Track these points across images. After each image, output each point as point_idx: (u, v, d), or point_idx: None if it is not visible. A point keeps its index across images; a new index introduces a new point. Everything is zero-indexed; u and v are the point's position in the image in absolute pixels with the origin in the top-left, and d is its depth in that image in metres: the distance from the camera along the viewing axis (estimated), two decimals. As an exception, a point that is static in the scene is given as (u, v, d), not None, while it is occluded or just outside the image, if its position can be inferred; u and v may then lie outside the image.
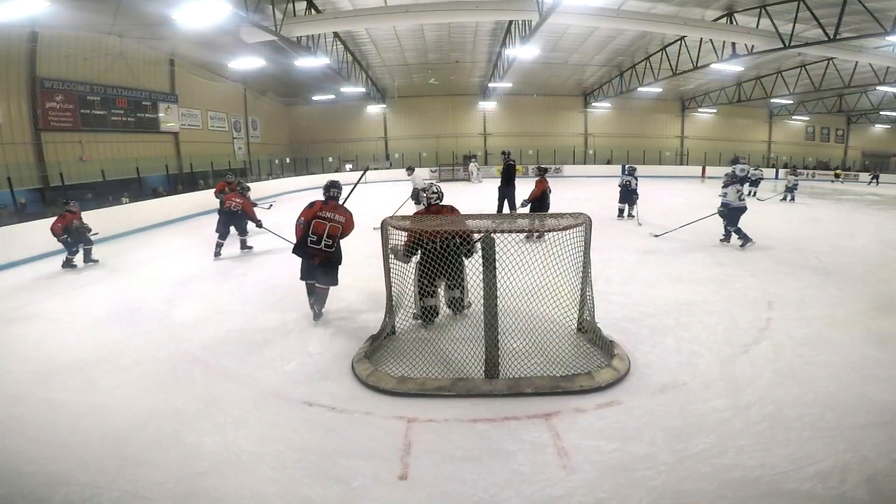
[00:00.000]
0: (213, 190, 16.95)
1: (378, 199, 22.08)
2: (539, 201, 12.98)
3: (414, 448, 4.45)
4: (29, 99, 19.74)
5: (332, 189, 7.59)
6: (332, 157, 41.29)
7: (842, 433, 4.51)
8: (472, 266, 6.03)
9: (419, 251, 6.76)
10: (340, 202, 7.68)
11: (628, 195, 16.96)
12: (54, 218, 11.67)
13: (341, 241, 7.59)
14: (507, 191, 15.00)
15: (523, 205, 13.22)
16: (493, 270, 5.35)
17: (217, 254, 12.33)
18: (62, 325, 8.00)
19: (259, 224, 12.61)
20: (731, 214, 12.36)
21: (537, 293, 6.17)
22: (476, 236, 6.15)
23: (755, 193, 23.57)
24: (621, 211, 17.22)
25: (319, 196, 7.69)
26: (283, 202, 23.66)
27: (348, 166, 40.36)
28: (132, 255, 13.17)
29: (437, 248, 6.55)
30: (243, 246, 12.95)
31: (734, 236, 12.49)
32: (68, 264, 11.76)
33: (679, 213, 17.47)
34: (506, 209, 14.96)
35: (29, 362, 6.51)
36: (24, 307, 9.04)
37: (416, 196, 17.64)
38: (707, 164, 40.14)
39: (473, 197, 24.64)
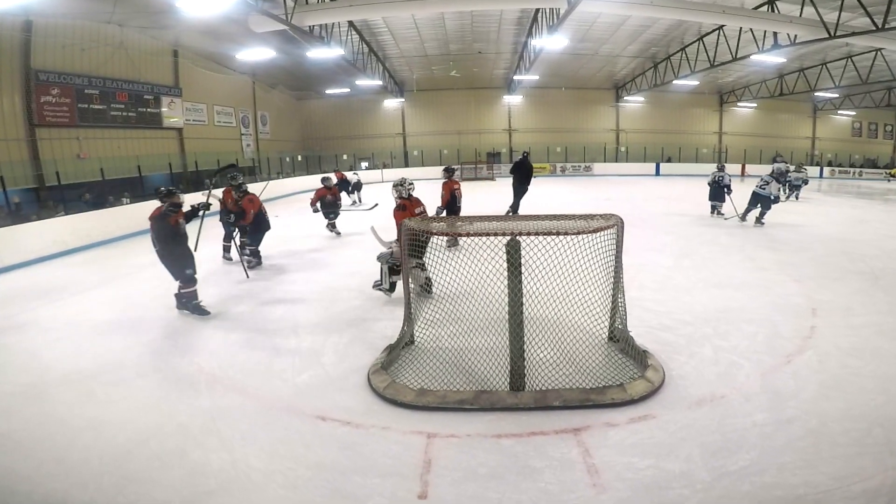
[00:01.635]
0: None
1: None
2: (450, 205, 12.53)
3: (434, 465, 4.43)
4: (23, 93, 19.64)
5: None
6: (347, 154, 41.40)
7: (891, 449, 4.44)
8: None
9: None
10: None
11: (720, 191, 17.53)
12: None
13: None
14: (518, 188, 16.44)
15: (438, 212, 12.46)
16: (519, 275, 5.34)
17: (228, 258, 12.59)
18: (59, 334, 7.97)
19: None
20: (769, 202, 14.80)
21: (565, 300, 6.11)
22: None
23: (797, 197, 23.35)
24: (714, 208, 17.86)
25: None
26: (292, 203, 23.74)
27: (364, 164, 40.44)
28: (133, 260, 13.12)
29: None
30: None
31: (749, 215, 15.25)
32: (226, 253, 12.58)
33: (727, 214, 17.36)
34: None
35: (23, 374, 6.50)
36: (17, 315, 9.03)
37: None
38: (747, 161, 39.83)
39: (495, 197, 24.57)
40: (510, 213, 15.99)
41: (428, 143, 41.94)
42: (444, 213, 12.36)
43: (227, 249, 12.49)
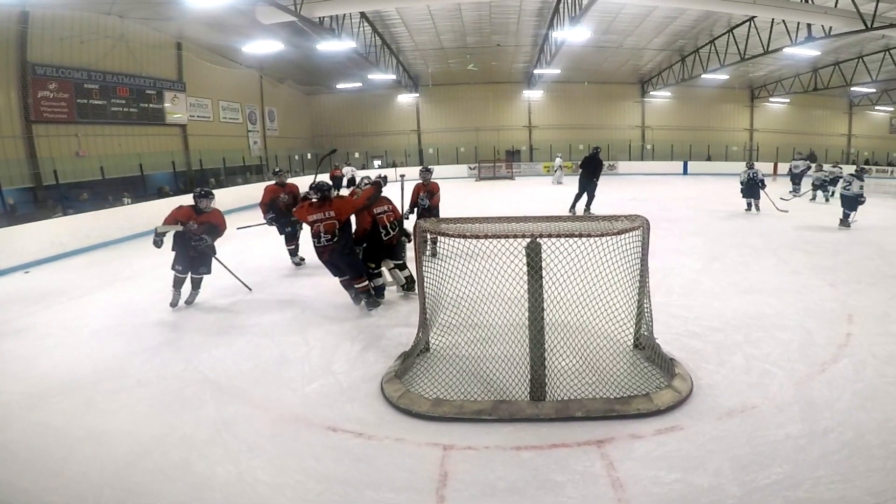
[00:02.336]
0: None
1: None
2: (424, 211, 11.93)
3: (451, 479, 4.43)
4: (19, 87, 19.50)
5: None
6: (359, 152, 41.54)
7: (933, 463, 4.40)
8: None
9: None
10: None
11: (754, 187, 18.35)
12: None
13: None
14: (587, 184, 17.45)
15: (406, 216, 11.44)
16: (540, 279, 5.33)
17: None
18: (57, 340, 8.03)
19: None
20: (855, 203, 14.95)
21: (588, 305, 6.11)
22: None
23: (833, 194, 23.16)
24: (749, 204, 18.70)
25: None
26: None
27: (377, 162, 40.52)
28: (135, 262, 13.26)
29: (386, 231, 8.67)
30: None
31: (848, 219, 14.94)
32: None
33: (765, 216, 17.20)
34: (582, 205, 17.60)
35: (19, 382, 6.53)
36: (14, 320, 9.10)
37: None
38: (779, 160, 39.53)
39: (515, 197, 24.56)
40: (586, 212, 16.86)
41: (444, 140, 41.93)
42: (411, 216, 11.77)
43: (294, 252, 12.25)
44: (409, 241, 9.51)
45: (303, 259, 12.23)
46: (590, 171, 17.77)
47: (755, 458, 4.53)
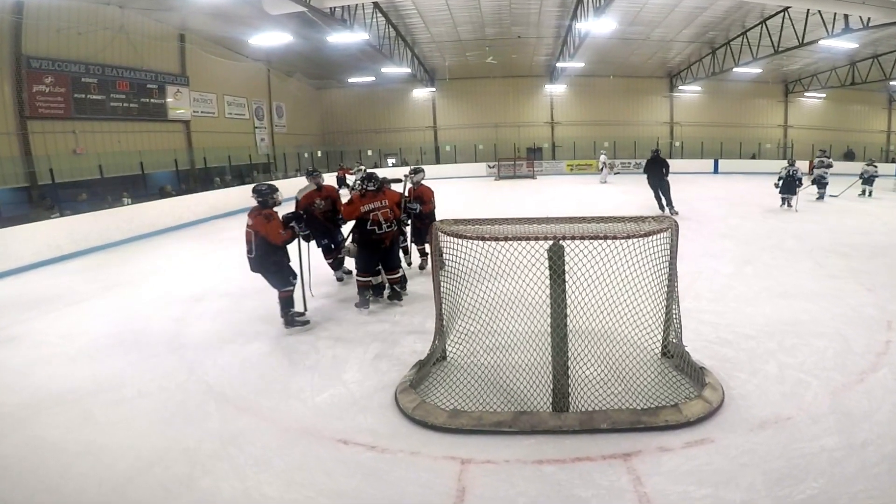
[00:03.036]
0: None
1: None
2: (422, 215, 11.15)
3: (469, 494, 4.43)
4: (13, 81, 19.19)
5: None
6: (372, 149, 41.58)
7: (977, 477, 4.36)
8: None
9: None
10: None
11: (792, 185, 19.01)
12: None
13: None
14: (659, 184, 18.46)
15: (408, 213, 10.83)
16: (563, 284, 5.33)
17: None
18: (53, 349, 8.00)
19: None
20: None
21: (614, 311, 6.08)
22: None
23: (870, 194, 23.05)
24: (786, 201, 19.45)
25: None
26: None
27: (391, 161, 40.53)
28: (135, 266, 13.35)
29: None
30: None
31: None
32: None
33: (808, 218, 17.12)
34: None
35: (13, 393, 6.51)
36: (7, 328, 9.12)
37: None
38: (815, 157, 39.18)
39: (536, 197, 24.52)
40: (672, 212, 17.94)
41: (462, 137, 42.01)
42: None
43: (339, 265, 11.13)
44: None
45: (349, 272, 10.89)
46: (657, 170, 18.60)
47: (789, 471, 4.50)
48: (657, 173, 18.58)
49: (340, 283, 10.99)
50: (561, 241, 5.31)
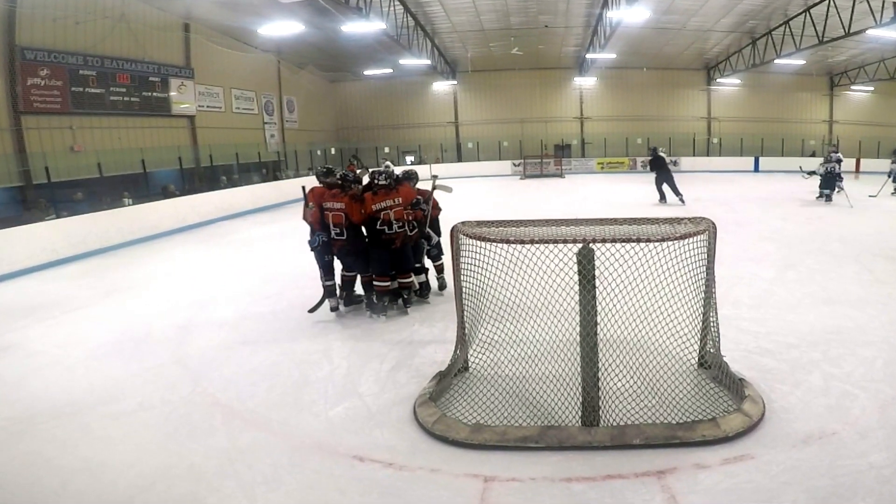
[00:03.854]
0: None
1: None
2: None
3: (492, 513, 4.41)
4: (6, 74, 19.03)
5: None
6: (389, 146, 41.57)
7: None
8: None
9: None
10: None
11: (832, 180, 20.32)
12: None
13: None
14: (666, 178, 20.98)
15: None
16: (593, 290, 5.30)
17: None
18: (49, 358, 8.01)
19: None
20: None
21: (647, 319, 6.07)
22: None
23: None
24: (827, 196, 20.57)
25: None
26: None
27: (409, 158, 40.58)
28: (136, 271, 13.43)
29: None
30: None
31: None
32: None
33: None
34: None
35: (7, 406, 6.51)
36: (0, 336, 9.14)
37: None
38: (862, 155, 38.83)
39: (563, 198, 24.47)
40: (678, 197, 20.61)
41: (485, 133, 42.01)
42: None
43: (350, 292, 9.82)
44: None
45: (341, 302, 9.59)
46: (662, 167, 21.21)
47: (835, 490, 4.44)
48: (664, 169, 21.23)
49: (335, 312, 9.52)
50: (591, 245, 5.28)
